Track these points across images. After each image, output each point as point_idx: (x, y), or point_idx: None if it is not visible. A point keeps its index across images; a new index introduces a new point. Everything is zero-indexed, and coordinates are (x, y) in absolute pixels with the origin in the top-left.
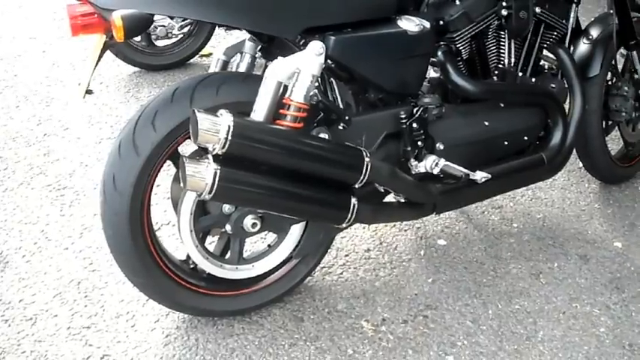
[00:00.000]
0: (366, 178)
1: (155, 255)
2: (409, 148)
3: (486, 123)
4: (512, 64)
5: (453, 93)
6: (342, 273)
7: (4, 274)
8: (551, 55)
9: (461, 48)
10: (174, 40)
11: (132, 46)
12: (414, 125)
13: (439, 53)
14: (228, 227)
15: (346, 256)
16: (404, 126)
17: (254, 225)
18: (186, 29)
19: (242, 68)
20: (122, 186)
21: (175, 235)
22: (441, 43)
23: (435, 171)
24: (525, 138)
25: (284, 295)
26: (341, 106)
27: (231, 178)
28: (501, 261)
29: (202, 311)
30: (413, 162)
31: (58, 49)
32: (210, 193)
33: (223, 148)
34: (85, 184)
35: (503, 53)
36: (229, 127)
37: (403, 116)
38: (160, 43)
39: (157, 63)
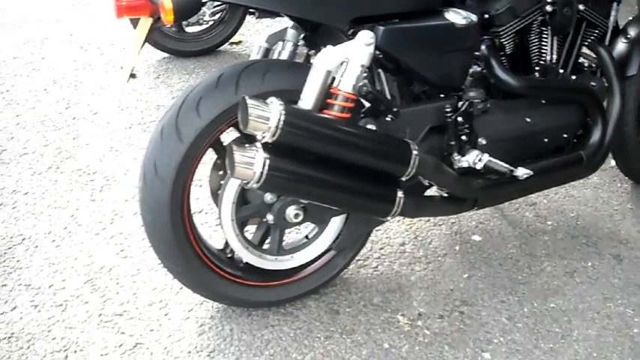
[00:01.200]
0: (413, 171)
1: (194, 243)
2: (453, 142)
3: (528, 119)
4: (553, 61)
5: (495, 88)
6: (377, 266)
7: (34, 258)
8: (590, 53)
9: (505, 43)
10: (205, 26)
11: (162, 32)
12: (459, 119)
13: (483, 47)
14: (269, 217)
15: (381, 249)
16: (449, 119)
17: (297, 216)
18: (217, 16)
19: (283, 56)
20: (164, 172)
21: (208, 223)
22: (485, 37)
23: (478, 166)
24: (565, 135)
25: (320, 288)
26: (388, 97)
27: (280, 167)
28: (536, 258)
29: (239, 301)
30: (456, 156)
31: (85, 33)
32: (258, 182)
33: (273, 136)
34: (116, 170)
35: (545, 50)
36: (280, 115)
37: (449, 110)
38: (190, 29)
39: (187, 49)
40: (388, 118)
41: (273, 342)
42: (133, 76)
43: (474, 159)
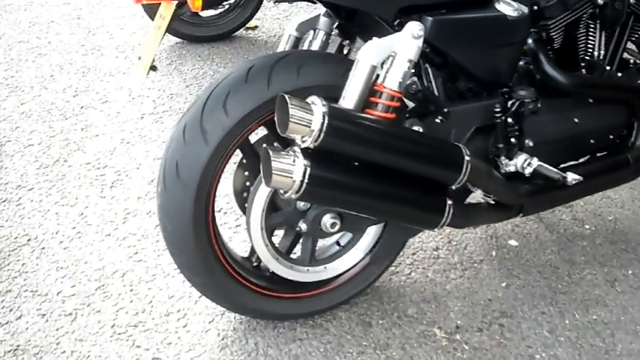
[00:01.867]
0: (465, 178)
1: (218, 252)
2: (501, 145)
3: (576, 119)
4: (600, 57)
5: (540, 85)
6: (410, 273)
7: (40, 261)
8: (635, 49)
9: (553, 36)
10: (220, 10)
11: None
12: (509, 120)
13: (530, 41)
14: (303, 226)
15: (414, 254)
16: (498, 120)
17: (333, 225)
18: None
19: (315, 46)
20: (187, 176)
21: (228, 223)
22: (533, 30)
23: (527, 171)
24: (611, 136)
25: (353, 298)
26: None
27: (322, 175)
28: (575, 265)
29: (266, 314)
30: (503, 160)
31: (93, 15)
32: (297, 192)
33: (316, 141)
34: (128, 164)
35: (593, 45)
36: (324, 117)
37: (498, 109)
38: (205, 13)
39: (201, 34)
40: (437, 120)
41: (301, 357)
42: (153, 68)
43: (522, 163)
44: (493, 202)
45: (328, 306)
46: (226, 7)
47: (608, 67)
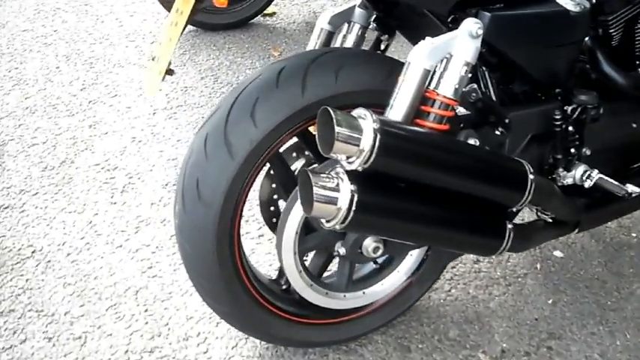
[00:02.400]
0: (529, 199)
1: (244, 278)
2: (560, 156)
3: (634, 124)
4: None
5: (599, 87)
6: (450, 290)
7: (46, 277)
8: None
9: (613, 33)
10: None
11: None
12: (570, 128)
13: (588, 39)
14: (341, 250)
15: (453, 268)
16: (557, 128)
17: (376, 249)
18: None
19: (350, 41)
20: (210, 195)
21: (250, 233)
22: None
23: (587, 184)
24: None
25: (392, 321)
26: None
27: (372, 202)
28: (624, 279)
29: (296, 342)
30: (561, 172)
31: (101, 2)
32: (343, 222)
33: (366, 162)
34: (139, 165)
35: None
36: (376, 135)
37: (558, 116)
38: None
39: (215, 22)
40: (497, 132)
41: None
42: (169, 72)
43: (581, 175)
44: (550, 220)
45: (364, 331)
46: None
47: None
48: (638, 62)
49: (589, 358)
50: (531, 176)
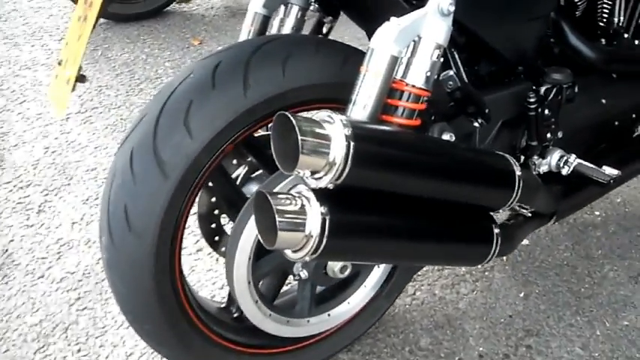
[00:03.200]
0: (517, 198)
1: (191, 316)
2: (535, 142)
3: (604, 100)
4: (621, 24)
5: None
6: (414, 293)
7: None
8: None
9: (578, 3)
10: None
11: None
12: (546, 110)
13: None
14: (303, 273)
15: None
16: (532, 112)
17: (344, 269)
18: None
19: (287, 27)
20: (142, 224)
21: (187, 249)
22: None
23: (565, 170)
24: (634, 116)
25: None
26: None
27: (347, 225)
28: (594, 262)
29: None
30: (536, 159)
31: None
32: (315, 252)
33: (338, 177)
34: (56, 179)
35: (613, 10)
36: (349, 143)
37: (532, 98)
38: None
39: (127, 12)
40: (476, 123)
41: None
42: (81, 79)
43: (557, 161)
44: (529, 215)
45: (331, 353)
46: None
47: (626, 35)
48: (600, 32)
49: (571, 352)
50: (518, 172)
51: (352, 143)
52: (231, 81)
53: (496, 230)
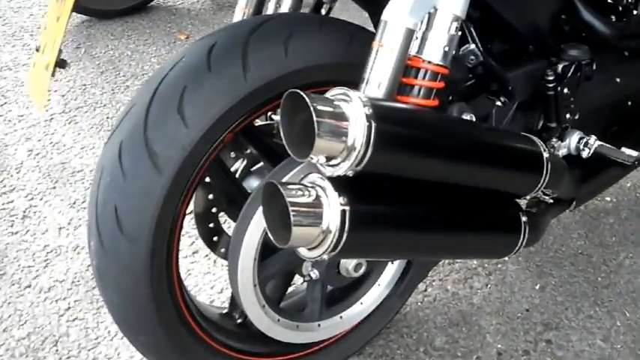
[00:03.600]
0: (545, 182)
1: (192, 324)
2: (554, 124)
3: (618, 79)
4: (630, 0)
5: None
6: (426, 289)
7: None
8: None
9: None
10: None
11: None
12: (565, 89)
13: None
14: (313, 273)
15: None
16: (550, 91)
17: (358, 267)
18: None
19: (284, 8)
20: (134, 226)
21: (182, 251)
22: None
23: (585, 153)
24: None
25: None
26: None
27: (369, 217)
28: (609, 249)
29: None
30: (555, 142)
31: None
32: (335, 249)
33: (358, 164)
34: (40, 182)
35: None
36: (370, 124)
37: (551, 76)
38: None
39: (110, 8)
40: (499, 102)
41: None
42: (61, 64)
43: (576, 143)
44: (551, 201)
45: (344, 357)
46: None
47: (635, 12)
48: (610, 9)
49: (592, 345)
50: (546, 154)
51: (374, 123)
52: (228, 63)
53: (523, 218)
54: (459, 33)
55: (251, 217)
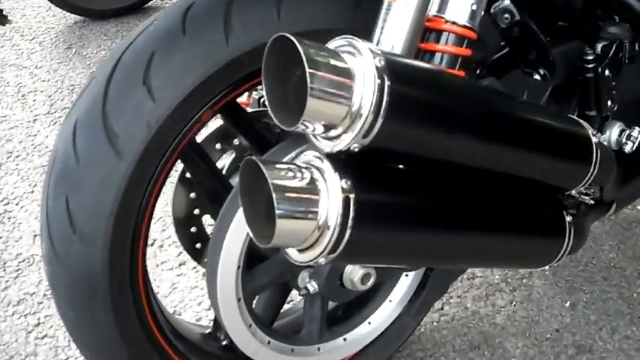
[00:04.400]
0: (594, 174)
1: (165, 347)
2: (593, 112)
3: None
4: None
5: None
6: (443, 307)
7: None
8: None
9: None
10: None
11: None
12: (607, 72)
13: None
14: (311, 285)
15: None
16: (589, 73)
17: (366, 278)
18: None
19: None
20: (89, 225)
21: (167, 263)
22: None
23: (628, 147)
24: None
25: None
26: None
27: (381, 208)
28: None
29: None
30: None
31: None
32: (334, 251)
33: (366, 135)
34: (18, 186)
35: None
36: (382, 81)
37: (590, 56)
38: None
39: (105, 8)
40: (537, 76)
41: None
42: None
43: (618, 136)
44: (592, 203)
45: None
46: None
47: None
48: None
49: None
50: (595, 139)
51: (387, 81)
52: (207, 24)
53: (568, 218)
54: None
55: (233, 215)
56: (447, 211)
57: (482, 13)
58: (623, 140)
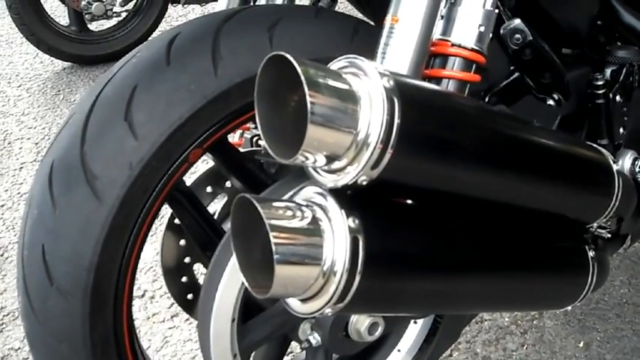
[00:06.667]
0: (616, 205)
1: None
2: (605, 140)
3: None
4: None
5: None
6: (451, 354)
7: None
8: None
9: None
10: (115, 21)
11: (59, 33)
12: (617, 98)
13: None
14: (313, 337)
15: None
16: (600, 99)
17: (374, 328)
18: (131, 4)
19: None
20: (67, 276)
21: (158, 315)
22: None
23: None
24: None
25: None
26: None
27: (394, 251)
28: None
29: None
30: None
31: None
32: (341, 300)
33: (375, 166)
34: (4, 236)
35: None
36: (392, 105)
37: (600, 82)
38: (96, 25)
39: (93, 53)
40: (551, 101)
41: None
42: None
43: (630, 165)
44: (608, 236)
45: None
46: (123, 15)
47: None
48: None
49: None
50: (616, 167)
51: (397, 102)
52: (194, 54)
53: (591, 254)
54: (497, 10)
55: (226, 264)
56: (468, 251)
57: (491, 35)
58: (637, 169)
